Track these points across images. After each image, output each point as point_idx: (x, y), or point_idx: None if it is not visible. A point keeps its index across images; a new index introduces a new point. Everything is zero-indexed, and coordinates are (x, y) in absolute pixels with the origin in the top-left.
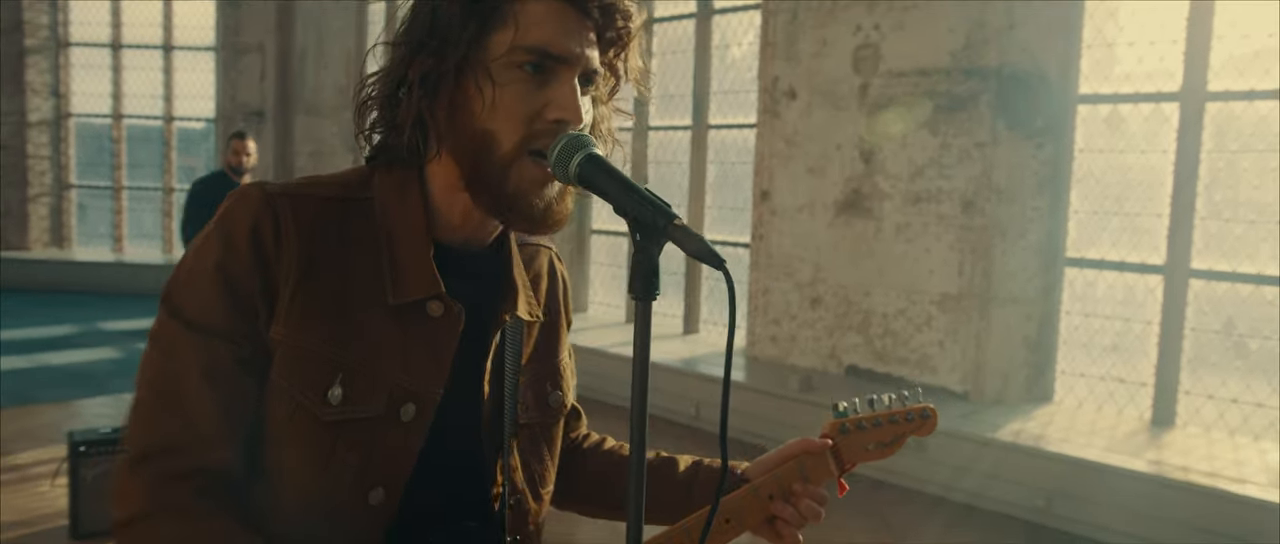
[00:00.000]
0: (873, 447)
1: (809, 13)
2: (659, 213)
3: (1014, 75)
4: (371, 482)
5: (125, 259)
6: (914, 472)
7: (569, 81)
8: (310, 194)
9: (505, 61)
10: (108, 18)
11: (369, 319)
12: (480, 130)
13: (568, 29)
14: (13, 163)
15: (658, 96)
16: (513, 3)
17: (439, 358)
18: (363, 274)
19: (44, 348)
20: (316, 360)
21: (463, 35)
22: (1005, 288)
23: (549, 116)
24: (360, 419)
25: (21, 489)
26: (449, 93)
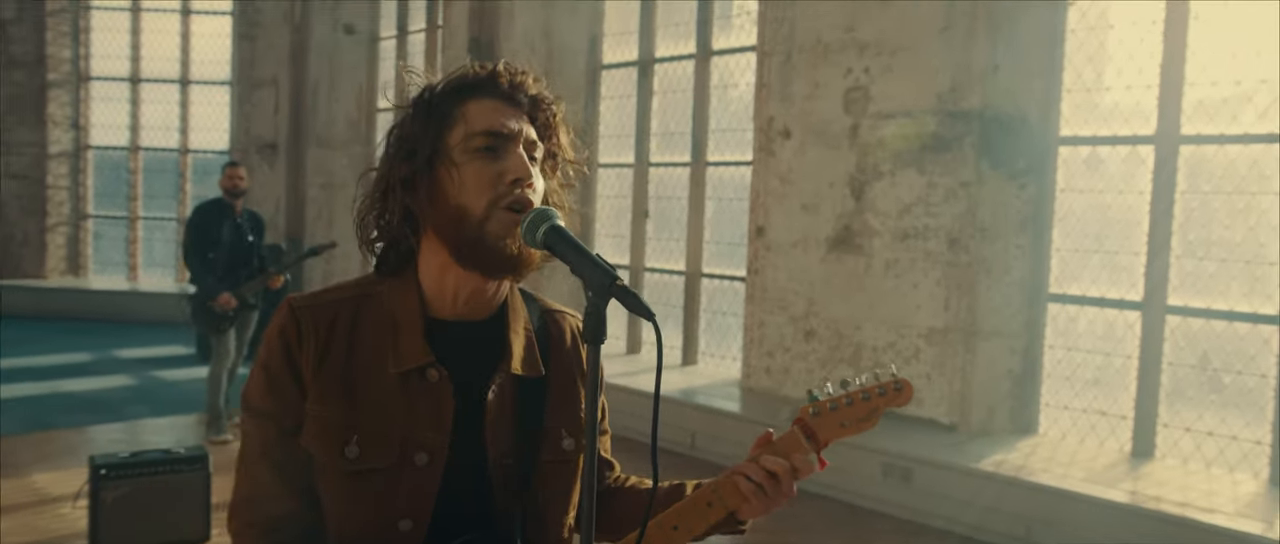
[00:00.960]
0: (848, 423)
1: (802, 56)
2: (605, 275)
3: (997, 118)
4: (398, 514)
5: (140, 287)
6: (900, 500)
7: (516, 151)
8: (328, 299)
9: (463, 148)
10: (127, 52)
11: (378, 388)
12: (455, 205)
13: (506, 114)
14: (32, 193)
15: (658, 134)
16: (459, 106)
17: (441, 414)
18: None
19: (61, 375)
20: (334, 426)
21: (426, 139)
22: (990, 322)
23: (507, 180)
24: (375, 469)
25: (42, 510)
26: (425, 185)
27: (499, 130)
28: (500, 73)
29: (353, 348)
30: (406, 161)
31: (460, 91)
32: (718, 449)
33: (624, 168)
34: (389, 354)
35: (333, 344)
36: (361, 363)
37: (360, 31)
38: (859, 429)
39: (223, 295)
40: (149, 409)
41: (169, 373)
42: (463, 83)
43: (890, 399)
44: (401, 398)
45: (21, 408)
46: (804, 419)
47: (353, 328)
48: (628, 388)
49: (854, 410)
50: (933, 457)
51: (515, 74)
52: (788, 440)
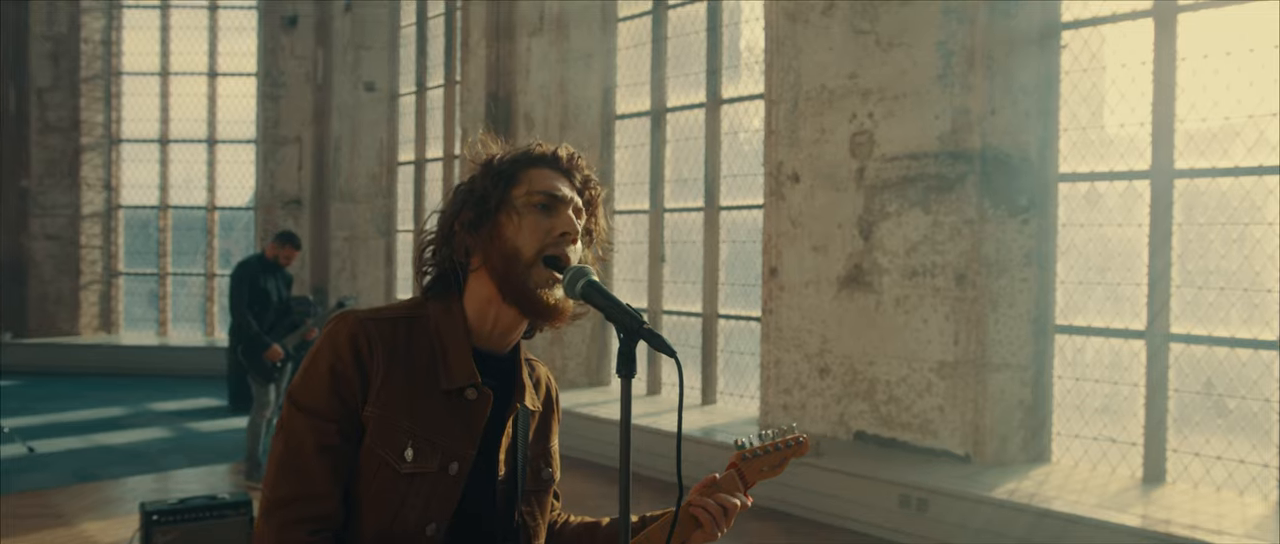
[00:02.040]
0: (766, 469)
1: (808, 102)
2: (634, 320)
3: (997, 157)
4: (429, 518)
5: (169, 343)
6: (917, 531)
7: (566, 212)
8: (385, 317)
9: (525, 202)
10: (157, 115)
11: (429, 401)
12: (511, 246)
13: (562, 182)
14: (66, 253)
15: (672, 180)
16: (525, 170)
17: (472, 429)
18: (423, 369)
19: (99, 428)
20: (397, 431)
21: (495, 192)
22: (998, 355)
23: (556, 233)
24: (423, 473)
25: None
26: (488, 227)
27: (555, 193)
28: (561, 153)
29: (411, 363)
30: (474, 209)
31: (527, 160)
32: None
33: (640, 214)
34: (439, 371)
35: (395, 356)
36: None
37: (380, 89)
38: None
39: (273, 348)
40: (185, 460)
41: (202, 424)
42: (530, 154)
43: (794, 451)
44: (444, 412)
45: (66, 461)
46: (737, 464)
47: (408, 344)
48: (650, 428)
49: (769, 460)
50: (948, 487)
51: (573, 156)
52: (728, 481)
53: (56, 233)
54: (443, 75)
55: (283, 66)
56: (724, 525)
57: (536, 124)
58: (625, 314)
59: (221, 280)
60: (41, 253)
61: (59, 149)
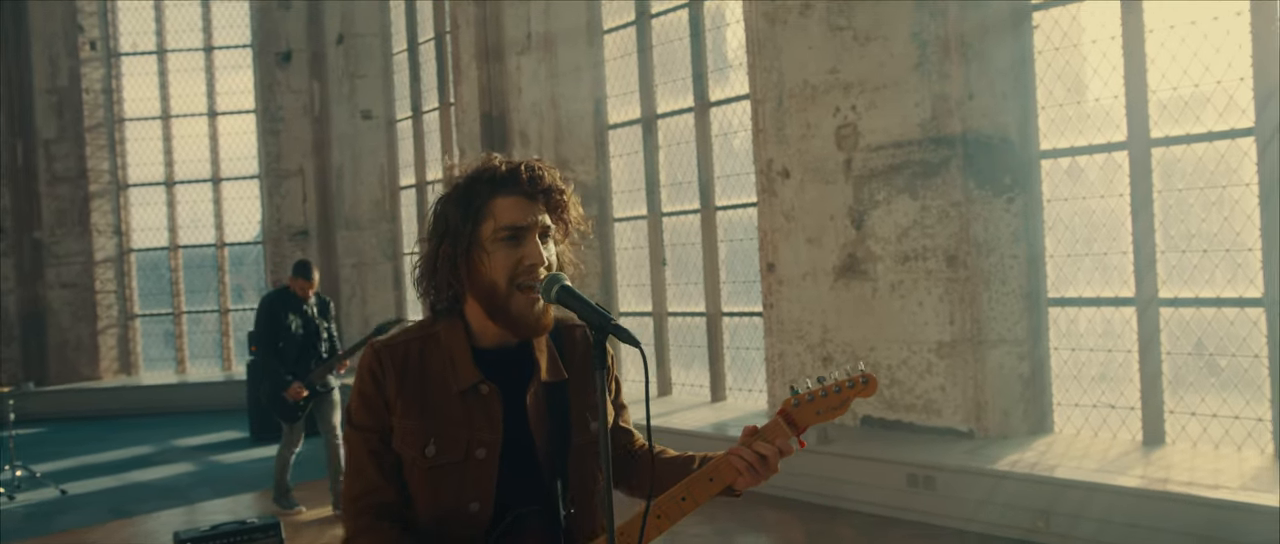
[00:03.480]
0: (822, 411)
1: (792, 99)
2: (602, 317)
3: (978, 140)
4: (468, 498)
5: (188, 379)
6: (925, 507)
7: (532, 240)
8: (400, 340)
9: (492, 239)
10: (161, 158)
11: (445, 402)
12: (487, 281)
13: (524, 209)
14: (82, 299)
15: (668, 185)
16: (489, 202)
17: (492, 417)
18: (437, 376)
19: (128, 467)
20: (416, 432)
21: (464, 231)
22: (994, 331)
23: (526, 264)
24: (448, 463)
25: None
26: (465, 264)
27: (519, 224)
28: (521, 170)
29: (423, 374)
30: (451, 245)
31: (492, 187)
32: None
33: (639, 220)
34: (451, 377)
35: (407, 373)
36: (431, 385)
37: (377, 116)
38: (832, 417)
39: (293, 385)
40: (212, 491)
41: (226, 456)
42: (493, 177)
43: (858, 391)
44: (462, 409)
45: (99, 500)
46: (786, 410)
47: (421, 360)
48: (663, 428)
49: (827, 401)
50: (953, 463)
51: (534, 170)
52: (773, 428)
53: (72, 280)
54: (437, 99)
55: (280, 101)
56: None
57: (531, 140)
58: (595, 313)
59: (235, 315)
60: (58, 301)
61: (68, 198)
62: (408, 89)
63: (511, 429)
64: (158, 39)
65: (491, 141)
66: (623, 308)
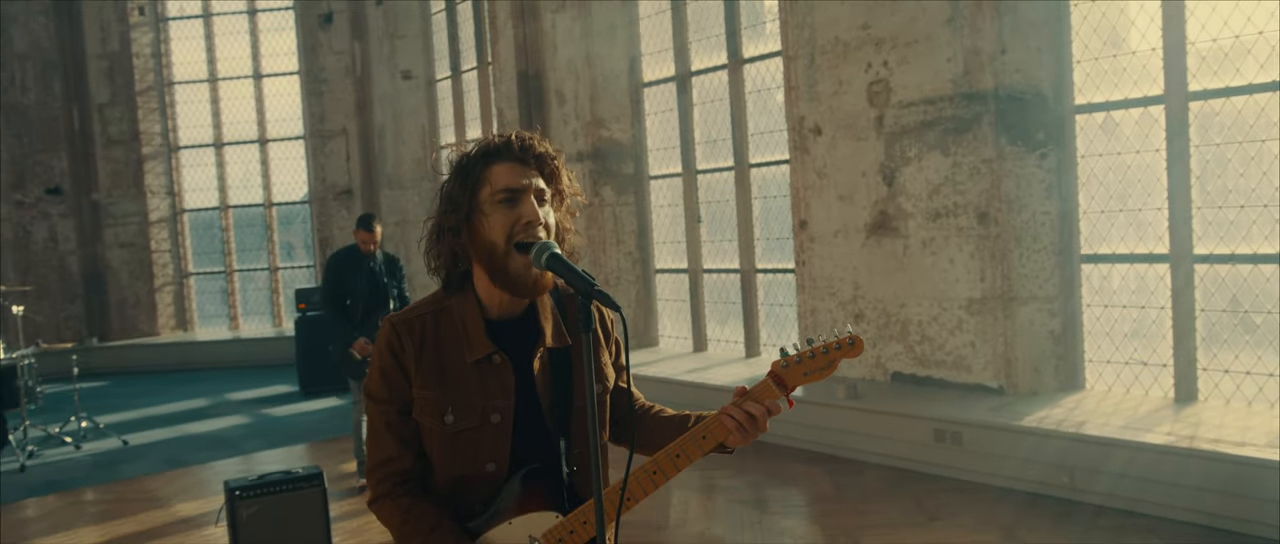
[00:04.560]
0: (810, 372)
1: (824, 56)
2: (588, 285)
3: (1010, 95)
4: (484, 460)
5: (241, 335)
6: (952, 462)
7: (528, 199)
8: (415, 314)
9: (489, 202)
10: (210, 120)
11: (461, 372)
12: (487, 241)
13: (519, 173)
14: (139, 259)
15: (702, 142)
16: (485, 170)
17: (505, 384)
18: (452, 348)
19: (184, 420)
20: (435, 402)
21: (463, 199)
22: (1025, 288)
23: (522, 222)
24: (466, 429)
25: (188, 534)
26: (467, 229)
27: (514, 186)
28: (512, 140)
29: (439, 347)
30: (453, 214)
31: (486, 156)
32: (780, 431)
33: (674, 177)
34: (464, 348)
35: (424, 346)
36: (446, 356)
37: (417, 76)
38: (820, 376)
39: (358, 341)
40: (263, 443)
41: (277, 410)
42: (487, 149)
43: (845, 352)
44: (477, 378)
45: (157, 451)
46: (776, 371)
47: (436, 332)
48: (698, 383)
49: (815, 362)
50: (980, 418)
51: (525, 139)
52: (763, 388)
53: (129, 240)
54: (475, 58)
55: (323, 62)
56: (753, 431)
57: (567, 99)
58: (580, 279)
59: (284, 273)
60: (117, 260)
61: (123, 160)
62: (446, 48)
63: (523, 394)
64: (202, 3)
65: (528, 101)
66: (658, 265)
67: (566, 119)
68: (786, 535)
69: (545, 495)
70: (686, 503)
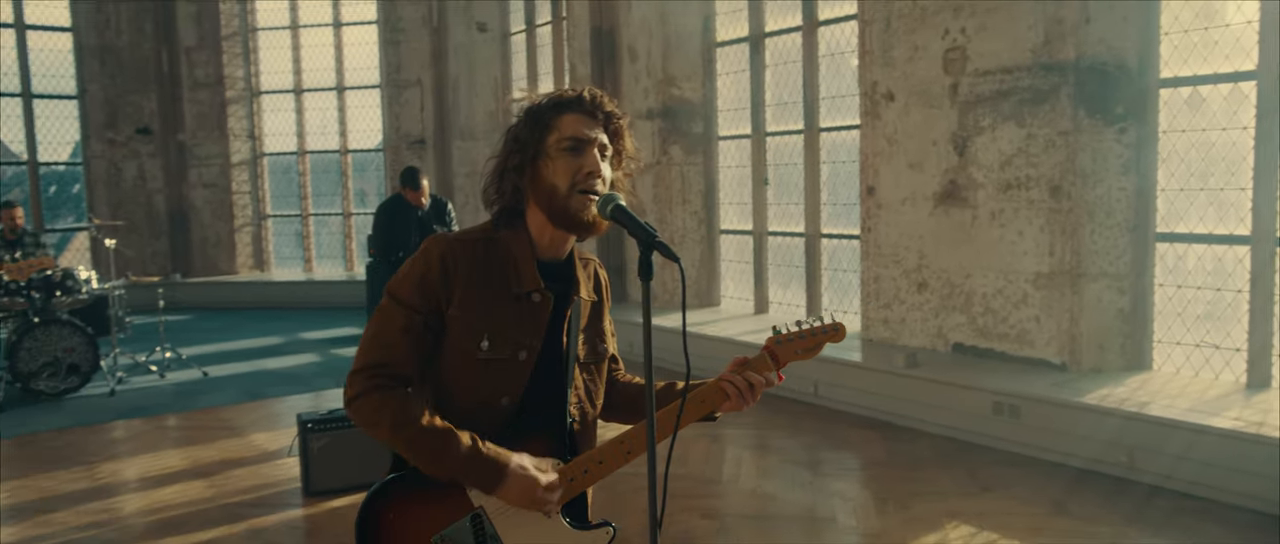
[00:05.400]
0: (800, 351)
1: (901, 21)
2: (650, 235)
3: (1092, 67)
4: (502, 393)
5: (314, 277)
6: (1008, 435)
7: (591, 152)
8: (468, 239)
9: (556, 148)
10: (290, 67)
11: (502, 304)
12: (550, 185)
13: (587, 125)
14: (220, 199)
15: (773, 104)
16: (555, 118)
17: (538, 324)
18: (497, 278)
19: (260, 355)
20: (474, 327)
21: (532, 140)
22: (1095, 264)
23: (583, 172)
24: (497, 359)
25: (262, 463)
26: (531, 170)
27: (581, 136)
28: (585, 96)
29: (488, 274)
30: (518, 154)
31: (557, 106)
32: (837, 396)
33: (742, 139)
34: (512, 280)
35: (474, 270)
36: (492, 285)
37: (492, 29)
38: (807, 356)
39: None
40: (333, 381)
41: (346, 350)
42: (559, 100)
43: (830, 336)
44: (514, 312)
45: (234, 383)
46: (771, 346)
47: (486, 260)
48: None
49: (804, 342)
50: (1040, 393)
51: (596, 96)
52: (759, 361)
53: (211, 181)
54: (550, 12)
55: (401, 12)
56: (749, 399)
57: (640, 56)
58: (642, 230)
59: (357, 219)
60: (200, 200)
61: (207, 103)
62: (522, 2)
63: (549, 336)
64: None
65: (601, 56)
66: (724, 225)
67: (638, 76)
68: (837, 497)
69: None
70: (740, 460)
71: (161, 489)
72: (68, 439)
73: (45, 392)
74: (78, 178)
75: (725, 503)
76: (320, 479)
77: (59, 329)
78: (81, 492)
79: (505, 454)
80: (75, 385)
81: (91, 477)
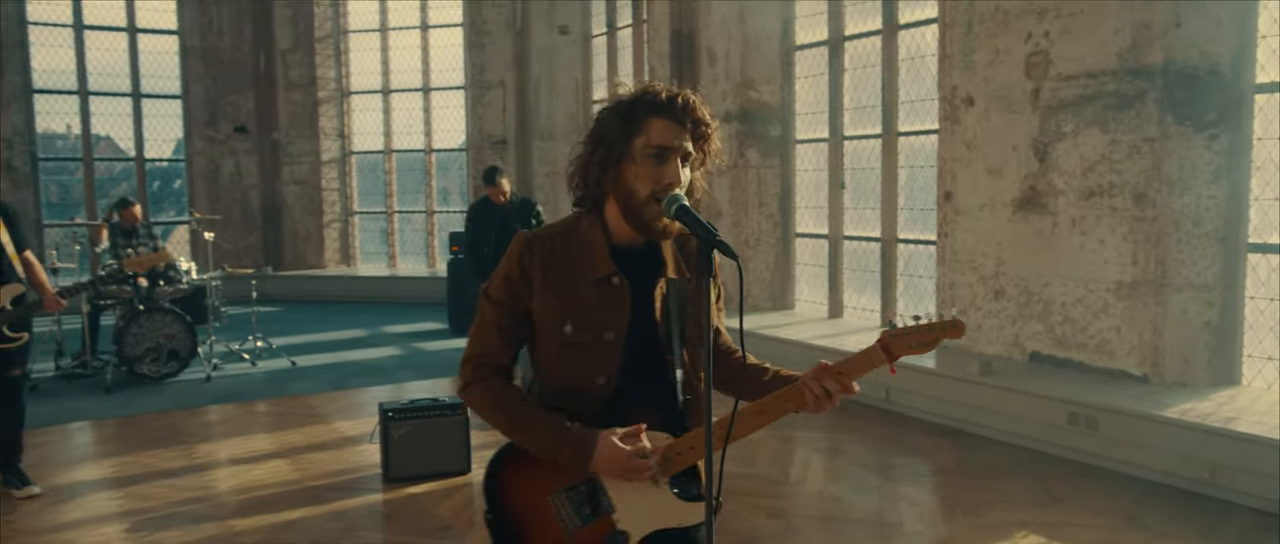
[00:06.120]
0: (914, 345)
1: (982, 24)
2: (710, 234)
3: (1181, 71)
4: (596, 373)
5: (398, 273)
6: (1084, 446)
7: (674, 162)
8: (547, 234)
9: (641, 153)
10: (379, 68)
11: (582, 290)
12: (630, 188)
13: (674, 134)
14: (311, 196)
15: (851, 108)
16: (643, 121)
17: (621, 305)
18: (577, 267)
19: (344, 347)
20: (557, 315)
21: (620, 139)
22: (1181, 275)
23: (664, 182)
24: (581, 342)
25: (345, 449)
26: (613, 169)
27: (667, 146)
28: (677, 99)
29: (565, 264)
30: (604, 150)
31: (650, 108)
32: (910, 402)
33: (820, 142)
34: (587, 268)
35: (552, 262)
36: (571, 274)
37: (574, 32)
38: (922, 351)
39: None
40: (413, 373)
41: (427, 344)
42: (654, 101)
43: (948, 332)
44: (596, 296)
45: (320, 373)
46: (886, 340)
47: (564, 251)
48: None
49: (921, 336)
50: (1119, 405)
51: (689, 103)
52: (871, 353)
53: (303, 178)
54: (630, 15)
55: (485, 15)
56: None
57: (718, 58)
58: (703, 228)
59: (440, 217)
60: (292, 197)
61: (300, 103)
62: (603, 6)
63: (637, 316)
64: None
65: (680, 59)
66: (799, 229)
67: (716, 79)
68: (905, 502)
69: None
70: (808, 462)
71: (251, 470)
72: (167, 421)
73: (148, 375)
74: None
75: (792, 504)
76: (399, 466)
77: (162, 317)
78: (179, 469)
79: (592, 432)
80: (175, 370)
81: (188, 456)
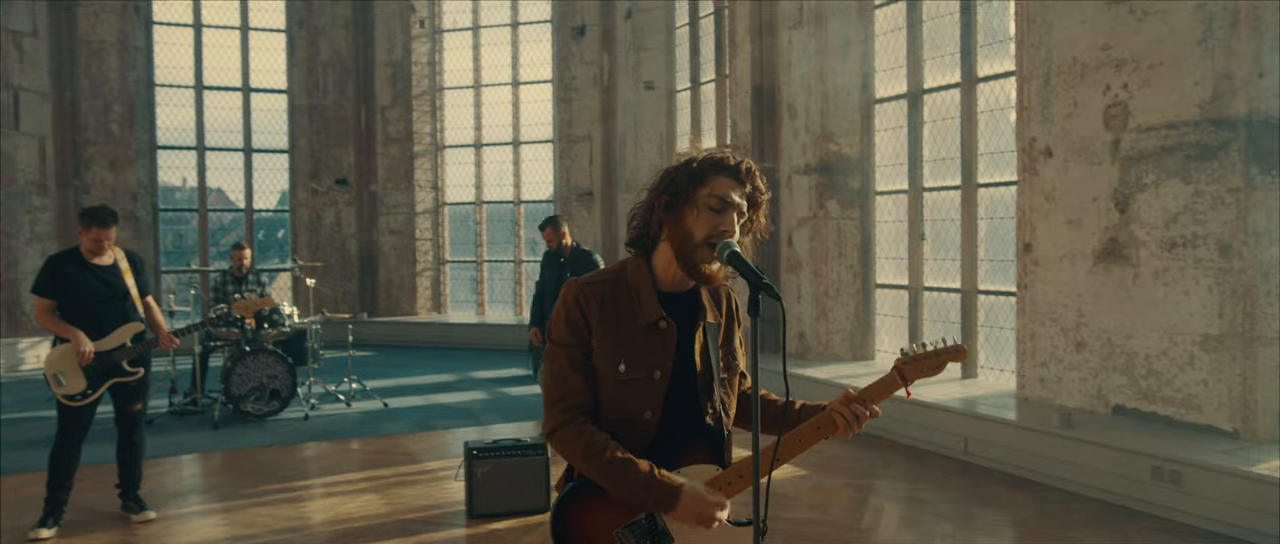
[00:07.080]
0: (925, 369)
1: (1060, 77)
2: (758, 277)
3: (1265, 121)
4: (644, 407)
5: (487, 321)
6: (1167, 502)
7: (731, 215)
8: (596, 281)
9: (704, 202)
10: (472, 122)
11: (633, 332)
12: (687, 231)
13: (733, 189)
14: (405, 245)
15: (930, 160)
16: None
17: (667, 347)
18: (627, 311)
19: (434, 391)
20: (612, 354)
21: (686, 188)
22: (1271, 327)
23: (720, 229)
24: (633, 379)
25: (432, 485)
26: (675, 212)
27: (727, 198)
28: (742, 168)
29: (617, 308)
30: (670, 196)
31: (716, 167)
32: (988, 454)
33: (900, 194)
34: (638, 312)
35: (605, 305)
36: (624, 317)
37: (658, 87)
38: (931, 374)
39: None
40: (499, 416)
41: (512, 389)
42: (720, 164)
43: (952, 356)
44: (645, 338)
45: (411, 414)
46: (899, 365)
47: (614, 297)
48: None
49: (929, 361)
50: (1207, 460)
51: (750, 169)
52: (888, 380)
53: (398, 228)
54: (713, 71)
55: (573, 72)
56: (856, 427)
57: (799, 113)
58: (752, 272)
59: (528, 266)
60: (387, 246)
61: (397, 157)
62: (687, 62)
63: (681, 357)
64: (473, 16)
65: (760, 113)
66: (880, 280)
67: (796, 132)
68: None
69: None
70: (882, 510)
71: (344, 502)
72: (268, 455)
73: (252, 413)
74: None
75: None
76: (483, 502)
77: (266, 358)
78: (278, 501)
79: (677, 480)
80: (276, 409)
81: (287, 488)
